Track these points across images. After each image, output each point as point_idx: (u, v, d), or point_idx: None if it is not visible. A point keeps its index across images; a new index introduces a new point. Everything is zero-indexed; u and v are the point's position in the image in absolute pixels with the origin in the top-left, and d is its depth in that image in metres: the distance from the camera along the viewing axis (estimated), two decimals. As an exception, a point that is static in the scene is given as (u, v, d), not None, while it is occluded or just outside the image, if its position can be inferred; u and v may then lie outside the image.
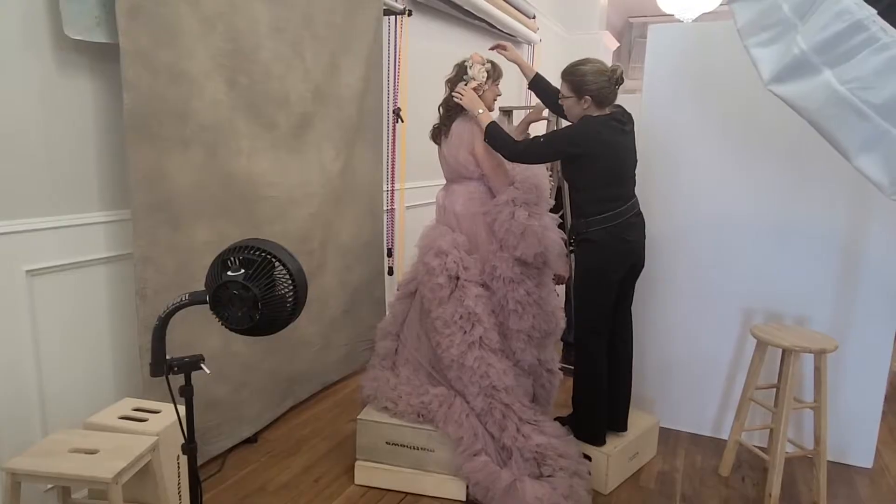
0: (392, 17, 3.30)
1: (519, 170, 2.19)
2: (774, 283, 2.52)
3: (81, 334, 1.94)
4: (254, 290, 1.11)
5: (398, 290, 2.52)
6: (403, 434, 2.18)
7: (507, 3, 4.67)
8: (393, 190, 3.53)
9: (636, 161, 2.18)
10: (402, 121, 3.44)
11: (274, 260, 1.16)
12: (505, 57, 2.29)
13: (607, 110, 2.08)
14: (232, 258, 1.16)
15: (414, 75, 3.51)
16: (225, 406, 2.35)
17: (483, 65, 2.19)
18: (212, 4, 2.07)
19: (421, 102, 3.49)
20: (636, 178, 2.20)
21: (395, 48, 3.36)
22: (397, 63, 3.38)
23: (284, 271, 1.17)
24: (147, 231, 1.94)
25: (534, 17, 5.37)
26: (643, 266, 2.27)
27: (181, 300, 1.19)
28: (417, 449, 2.17)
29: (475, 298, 2.15)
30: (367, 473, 2.22)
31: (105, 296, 1.99)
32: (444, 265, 2.16)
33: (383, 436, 2.20)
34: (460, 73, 2.26)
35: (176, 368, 1.20)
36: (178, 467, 1.85)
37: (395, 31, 3.34)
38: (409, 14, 3.35)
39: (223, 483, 2.22)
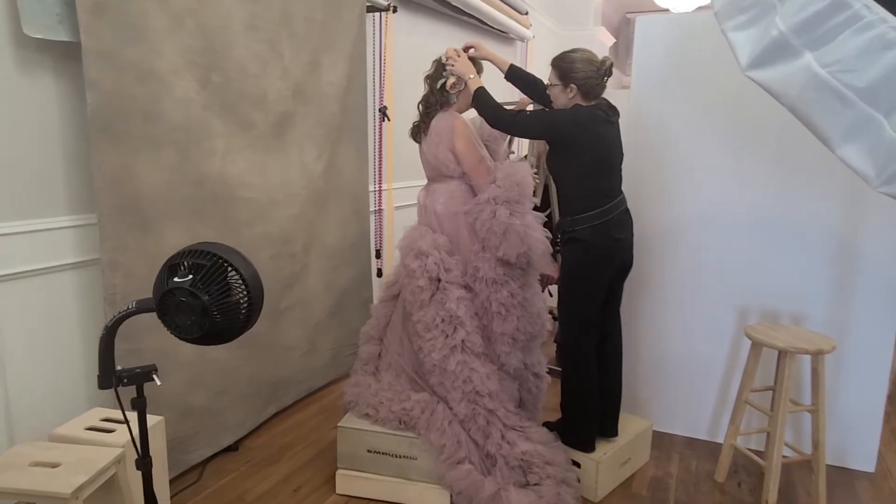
0: (377, 14, 3.24)
1: (501, 167, 2.12)
2: (769, 281, 2.44)
3: (49, 342, 1.88)
4: (202, 297, 1.05)
5: (381, 292, 2.46)
6: (385, 442, 2.10)
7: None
8: (380, 190, 3.47)
9: (623, 155, 2.11)
10: (389, 119, 3.37)
11: (226, 265, 1.09)
12: (476, 57, 2.22)
13: (593, 102, 2.01)
14: (181, 263, 1.09)
15: (401, 73, 3.44)
16: (203, 414, 2.29)
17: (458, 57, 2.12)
18: (180, 1, 2.01)
19: (408, 101, 3.40)
20: (622, 174, 2.13)
21: (381, 45, 3.29)
22: (382, 61, 3.31)
23: (237, 277, 1.10)
24: (114, 235, 1.87)
25: (526, 14, 5.30)
26: (632, 265, 2.20)
27: (128, 308, 1.12)
28: (399, 457, 2.10)
29: (457, 301, 2.07)
30: (349, 482, 2.15)
31: (74, 302, 1.93)
32: (425, 267, 2.08)
33: (364, 443, 2.13)
34: (439, 70, 2.19)
35: (126, 380, 1.14)
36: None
37: (380, 29, 3.27)
38: (395, 11, 3.29)
39: (201, 493, 2.16)
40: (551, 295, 2.93)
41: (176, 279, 1.06)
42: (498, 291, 2.09)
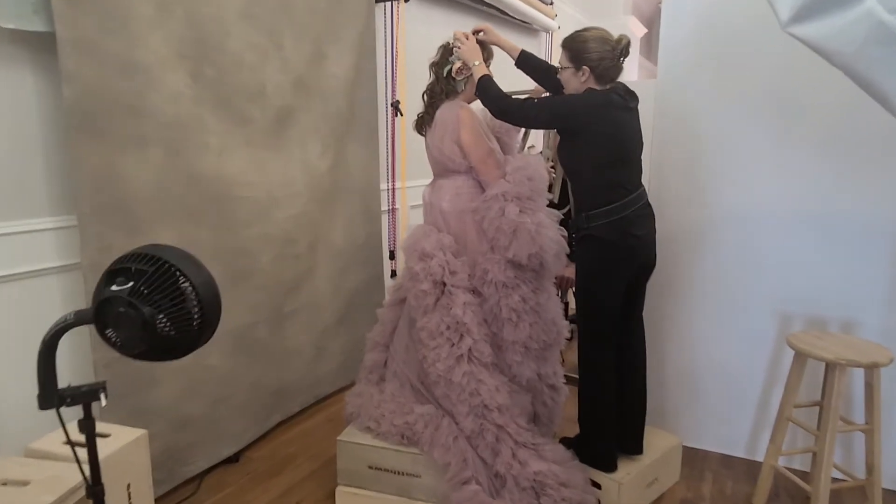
0: (387, 4, 3.09)
1: (512, 161, 1.94)
2: (815, 284, 2.19)
3: (31, 350, 1.78)
4: (142, 308, 0.91)
5: (389, 296, 2.31)
6: (386, 457, 1.95)
7: (520, -13, 4.40)
8: (394, 188, 3.32)
9: (642, 144, 1.90)
10: (402, 114, 3.22)
11: (174, 271, 0.96)
12: (486, 41, 2.04)
13: (609, 86, 1.81)
14: (124, 268, 0.96)
15: (414, 66, 3.28)
16: (200, 423, 2.18)
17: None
18: (168, -12, 1.90)
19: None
20: (642, 165, 1.92)
21: (392, 37, 3.14)
22: (394, 53, 3.16)
23: (187, 284, 0.96)
24: (97, 237, 1.77)
25: (551, 3, 5.08)
26: (654, 265, 1.99)
27: (66, 320, 0.99)
28: (402, 474, 1.94)
29: (463, 306, 1.90)
30: (349, 500, 2.01)
31: (57, 308, 1.84)
32: (428, 269, 1.92)
33: (365, 459, 1.98)
34: (445, 55, 2.03)
35: (69, 400, 1.01)
36: (129, 497, 1.67)
37: (392, 19, 3.12)
38: (407, 0, 3.13)
39: (196, 508, 2.05)
40: (566, 303, 2.73)
41: (114, 287, 0.92)
42: (508, 296, 1.92)
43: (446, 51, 2.03)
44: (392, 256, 3.31)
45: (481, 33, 2.04)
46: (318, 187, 2.64)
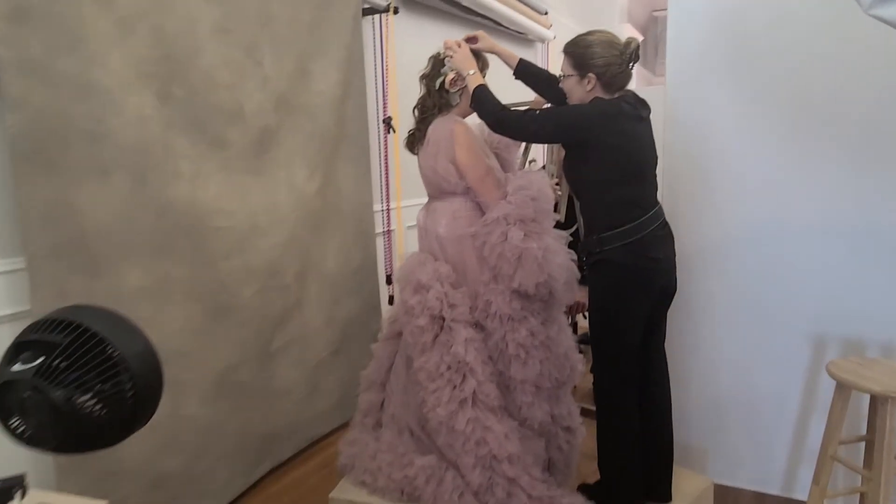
0: (376, 17, 2.93)
1: (513, 180, 1.75)
2: (852, 302, 1.99)
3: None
4: (51, 392, 0.71)
5: (382, 329, 2.11)
6: (384, 517, 1.74)
7: (514, -2, 4.25)
8: (388, 209, 3.13)
9: (657, 158, 1.71)
10: (395, 131, 3.04)
11: (98, 339, 0.76)
12: (479, 49, 1.86)
13: (616, 95, 1.62)
14: (33, 340, 0.76)
15: (406, 81, 3.11)
16: (179, 480, 1.97)
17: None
18: (128, 4, 1.72)
19: (415, 109, 3.09)
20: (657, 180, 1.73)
21: (382, 51, 2.97)
22: (385, 67, 2.99)
23: (117, 354, 0.76)
24: (50, 281, 1.58)
25: (546, 13, 4.93)
26: (675, 291, 1.79)
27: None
28: (402, 535, 1.73)
29: (465, 343, 1.70)
30: (344, 565, 1.79)
31: (10, 361, 1.64)
32: (425, 303, 1.72)
33: (361, 518, 1.77)
34: (437, 66, 1.85)
35: (-23, 499, 0.81)
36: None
37: (381, 32, 2.95)
38: (396, 12, 2.97)
39: (173, 578, 1.83)
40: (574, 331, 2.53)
41: (16, 367, 0.73)
42: (515, 330, 1.72)
43: (437, 61, 1.85)
44: (389, 281, 3.11)
45: (471, 42, 1.87)
46: (306, 212, 2.45)
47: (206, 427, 2.07)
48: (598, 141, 1.57)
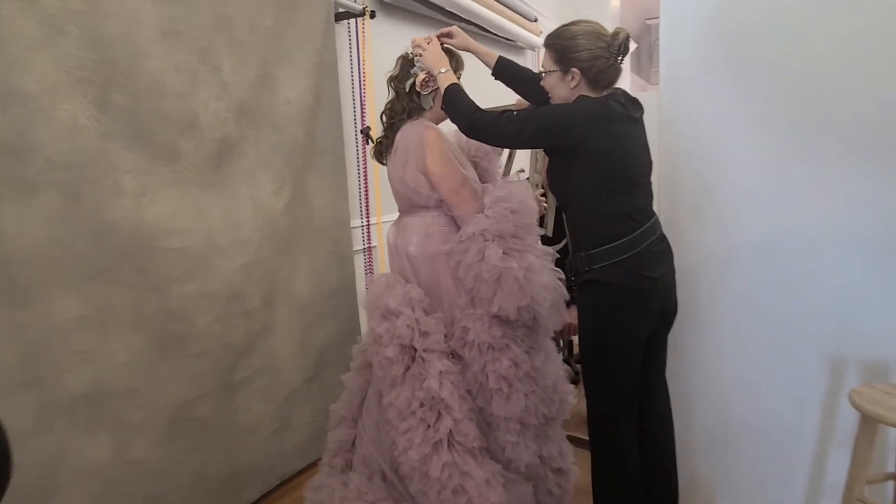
0: (351, 21, 2.76)
1: (491, 191, 1.56)
2: (873, 321, 1.78)
3: None
4: None
5: (354, 358, 1.91)
6: (351, 576, 1.52)
7: (501, 4, 4.09)
8: (369, 225, 2.94)
9: (651, 163, 1.53)
10: (374, 141, 2.85)
11: None
12: (453, 46, 1.69)
13: (605, 93, 1.44)
14: None
15: (385, 89, 2.93)
16: (124, 533, 1.75)
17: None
18: (57, 1, 1.54)
19: (394, 118, 2.90)
20: (652, 189, 1.54)
21: (359, 57, 2.80)
22: (361, 75, 2.82)
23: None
24: (-40, 314, 1.38)
25: (535, 20, 4.79)
26: (676, 313, 1.60)
27: None
28: None
29: (439, 377, 1.50)
30: None
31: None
32: (394, 331, 1.53)
33: (325, 578, 1.55)
34: (406, 67, 1.68)
35: None
36: None
37: (357, 37, 2.79)
38: (372, 16, 2.80)
39: None
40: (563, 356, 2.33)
41: None
42: (496, 360, 1.52)
43: (406, 61, 1.68)
44: (370, 302, 2.91)
45: (444, 38, 1.69)
46: (273, 230, 2.26)
47: (159, 471, 1.86)
48: (584, 145, 1.38)
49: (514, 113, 1.42)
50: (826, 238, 1.81)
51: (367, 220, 2.93)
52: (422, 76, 1.59)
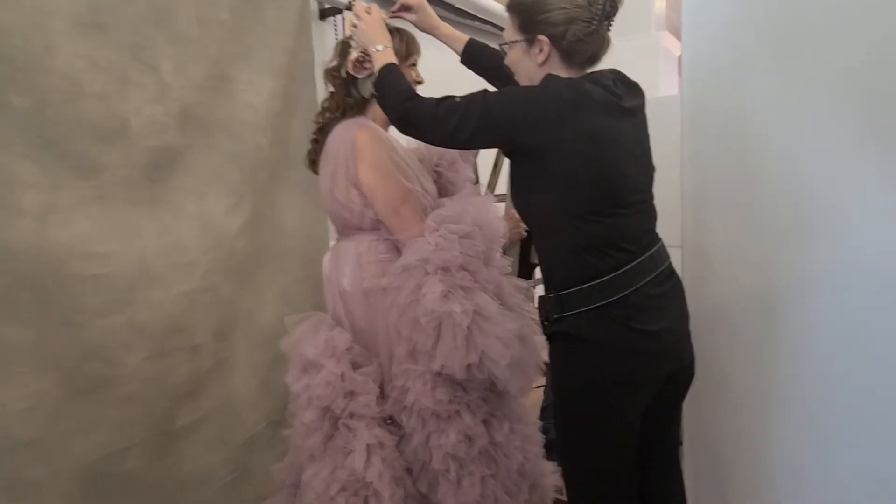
0: (336, 18, 2.48)
1: (441, 208, 1.20)
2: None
3: None
4: None
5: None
6: None
7: None
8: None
9: (651, 172, 1.12)
10: (362, 152, 2.55)
11: None
12: (414, 24, 1.34)
13: (587, 71, 1.05)
14: None
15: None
16: None
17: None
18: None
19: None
20: (655, 204, 1.13)
21: (346, 58, 2.51)
22: (348, 77, 2.52)
23: None
24: None
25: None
26: (692, 373, 1.17)
27: None
28: None
29: (367, 452, 1.15)
30: None
31: None
32: (312, 390, 1.18)
33: None
34: (344, 51, 1.35)
35: None
36: None
37: (342, 36, 2.50)
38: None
39: None
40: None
41: None
42: (442, 433, 1.15)
43: (345, 45, 1.34)
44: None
45: (402, 12, 1.35)
46: (227, 253, 1.97)
47: (70, 538, 1.58)
48: (548, 145, 0.99)
49: (457, 99, 1.04)
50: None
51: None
52: (354, 55, 1.26)
